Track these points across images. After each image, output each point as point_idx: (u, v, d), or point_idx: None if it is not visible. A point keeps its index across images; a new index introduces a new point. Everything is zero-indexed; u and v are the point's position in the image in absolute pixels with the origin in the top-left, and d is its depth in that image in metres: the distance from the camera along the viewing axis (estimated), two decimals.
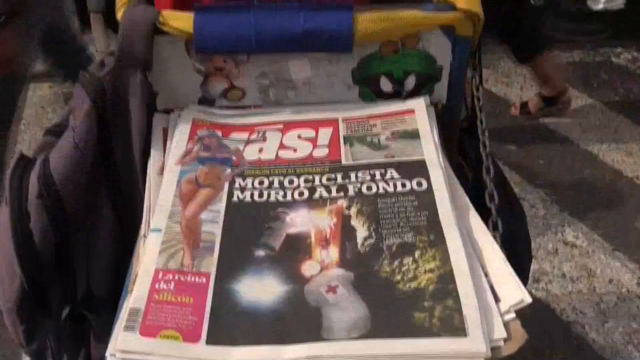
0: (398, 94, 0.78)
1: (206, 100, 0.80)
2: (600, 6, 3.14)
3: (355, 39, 0.72)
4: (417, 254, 0.60)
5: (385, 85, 0.78)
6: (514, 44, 2.55)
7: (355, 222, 0.64)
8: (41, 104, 3.05)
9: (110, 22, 2.98)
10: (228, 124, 0.77)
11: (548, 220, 2.22)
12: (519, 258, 0.95)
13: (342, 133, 0.75)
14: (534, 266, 2.01)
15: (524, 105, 2.68)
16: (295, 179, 0.69)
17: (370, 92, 0.79)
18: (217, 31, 0.72)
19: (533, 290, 1.95)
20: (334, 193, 0.67)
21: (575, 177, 2.40)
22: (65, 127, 0.81)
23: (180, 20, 0.73)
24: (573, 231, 2.17)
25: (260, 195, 0.68)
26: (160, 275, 0.60)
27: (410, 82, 0.78)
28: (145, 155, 0.76)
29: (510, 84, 2.92)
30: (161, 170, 0.72)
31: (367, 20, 0.71)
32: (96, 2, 3.29)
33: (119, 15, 0.74)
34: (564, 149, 2.54)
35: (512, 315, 0.57)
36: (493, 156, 0.86)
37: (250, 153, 0.73)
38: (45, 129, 0.85)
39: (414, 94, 0.78)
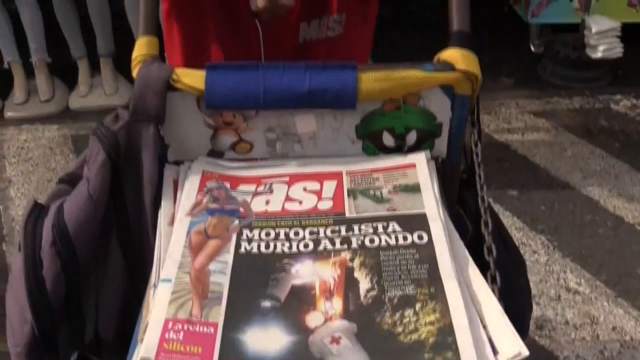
0: (400, 149, 0.82)
1: (215, 153, 0.83)
2: (599, 55, 3.21)
3: (359, 97, 0.75)
4: (417, 306, 0.62)
5: (388, 140, 0.81)
6: None
7: (358, 274, 0.67)
8: (50, 146, 3.10)
9: (119, 66, 3.08)
10: (236, 175, 0.80)
11: (550, 266, 2.23)
12: (519, 308, 0.97)
13: (346, 186, 0.78)
14: (536, 313, 2.02)
15: None
16: (301, 231, 0.72)
17: (373, 146, 0.82)
18: (228, 88, 0.76)
19: (536, 338, 1.95)
20: (337, 245, 0.70)
21: (577, 223, 2.42)
22: (78, 177, 0.84)
23: (193, 78, 0.76)
24: (575, 277, 2.18)
25: (267, 246, 0.70)
26: (170, 324, 0.62)
27: (412, 137, 0.81)
28: (156, 205, 0.79)
29: (512, 130, 2.97)
30: (171, 221, 0.75)
31: (370, 80, 0.75)
32: (105, 46, 3.42)
33: (134, 72, 0.78)
34: (565, 194, 2.57)
35: None
36: (492, 209, 0.89)
37: (257, 205, 0.76)
38: (59, 178, 0.89)
39: (415, 148, 0.82)
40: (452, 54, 0.77)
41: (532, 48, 3.64)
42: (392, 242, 0.69)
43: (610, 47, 3.21)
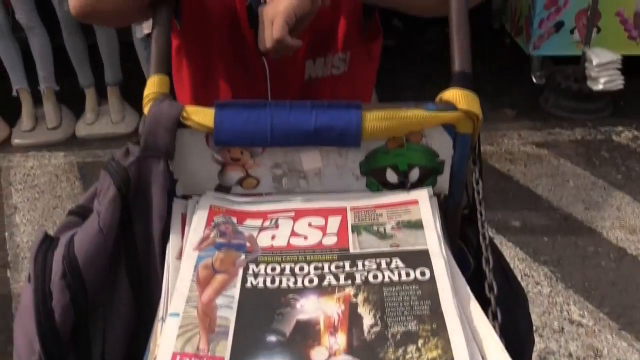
0: (403, 185, 0.83)
1: (223, 188, 0.85)
2: (600, 87, 3.25)
3: (364, 136, 0.77)
4: (420, 342, 0.64)
5: (391, 176, 0.83)
6: None
7: (362, 310, 0.68)
8: (56, 173, 3.13)
9: (126, 95, 3.14)
10: (243, 211, 0.82)
11: (553, 298, 2.23)
12: (521, 343, 0.98)
13: (350, 222, 0.80)
14: (540, 345, 2.02)
15: None
16: (306, 266, 0.74)
17: (377, 182, 0.84)
18: (236, 126, 0.78)
19: None
20: (342, 281, 0.71)
21: (580, 255, 2.43)
22: (88, 209, 0.86)
23: (202, 116, 0.79)
24: (579, 310, 2.18)
25: (273, 281, 0.72)
26: (178, 359, 0.63)
27: (415, 175, 0.83)
28: (165, 239, 0.81)
29: (514, 161, 2.99)
30: (180, 255, 0.77)
31: (374, 119, 0.77)
32: (113, 76, 3.48)
33: (146, 110, 0.81)
34: (567, 226, 2.58)
35: None
36: (493, 245, 0.90)
37: (264, 240, 0.78)
38: (69, 210, 0.91)
39: (418, 185, 0.83)
40: (454, 94, 0.79)
41: (534, 80, 3.69)
42: (396, 278, 0.71)
43: (611, 79, 3.25)
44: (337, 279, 0.72)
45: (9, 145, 3.40)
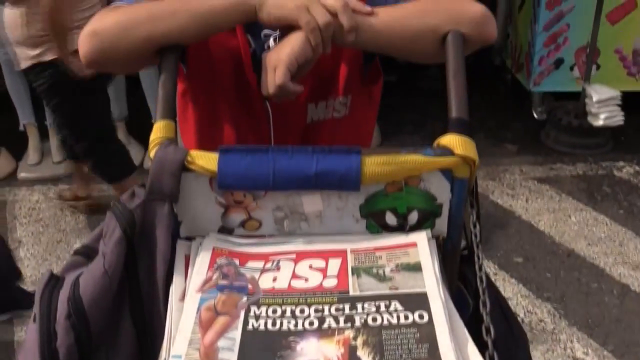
0: (402, 227, 0.85)
1: (225, 229, 0.87)
2: (600, 122, 3.28)
3: (363, 180, 0.80)
4: None
5: (390, 219, 0.85)
6: None
7: (361, 352, 0.69)
8: (61, 207, 3.15)
9: (131, 129, 3.17)
10: (245, 252, 0.84)
11: (557, 334, 2.22)
12: None
13: (350, 264, 0.81)
14: None
15: None
16: (306, 309, 0.75)
17: (377, 224, 0.86)
18: (239, 171, 0.80)
19: None
20: (341, 323, 0.73)
21: (583, 291, 2.43)
22: (93, 249, 0.88)
23: (206, 160, 0.81)
24: (582, 347, 2.17)
25: (274, 324, 0.73)
26: None
27: (413, 217, 0.85)
28: (168, 280, 0.82)
29: (516, 196, 3.00)
30: (182, 297, 0.78)
31: (373, 164, 0.80)
32: (119, 111, 3.51)
33: (152, 154, 0.83)
34: (570, 261, 2.58)
35: None
36: (492, 285, 0.91)
37: (265, 281, 0.79)
38: (75, 249, 0.93)
39: (416, 227, 0.85)
40: (451, 140, 0.81)
41: (535, 115, 3.73)
42: (394, 321, 0.72)
43: (611, 115, 3.29)
44: (337, 321, 0.73)
45: (14, 178, 3.43)
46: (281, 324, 0.73)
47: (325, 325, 0.73)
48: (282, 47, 0.90)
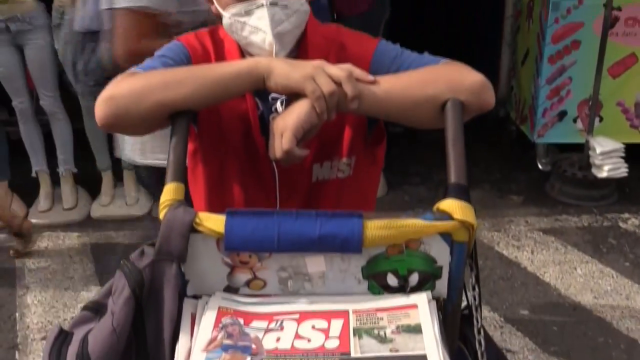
0: (403, 289, 0.87)
1: (231, 289, 0.89)
2: (604, 174, 3.30)
3: (365, 243, 0.82)
4: None
5: (392, 280, 0.87)
6: None
7: None
8: (69, 254, 3.17)
9: (140, 179, 3.17)
10: (250, 312, 0.86)
11: None
12: None
13: (352, 325, 0.83)
14: None
15: None
16: None
17: (378, 286, 0.88)
18: (245, 233, 0.83)
19: None
20: None
21: (590, 345, 2.40)
22: (102, 306, 0.91)
23: (214, 222, 0.84)
24: None
25: None
26: None
27: (414, 279, 0.87)
28: (174, 338, 0.84)
29: (521, 248, 3.01)
30: (188, 356, 0.80)
31: (375, 228, 0.82)
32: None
33: (161, 215, 0.86)
34: (577, 315, 2.56)
35: None
36: (493, 345, 0.93)
37: (269, 341, 0.81)
38: (84, 305, 0.95)
39: (417, 288, 0.87)
40: (450, 205, 0.84)
41: (540, 166, 3.75)
42: None
43: (615, 166, 3.31)
44: None
45: None
46: None
47: None
48: (289, 114, 0.94)
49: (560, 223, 3.23)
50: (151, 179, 2.62)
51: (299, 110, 0.94)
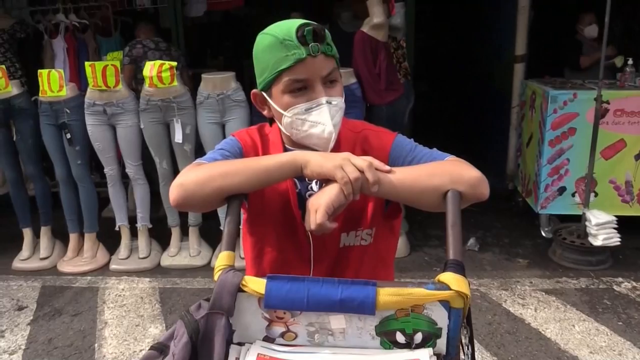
0: (409, 345, 0.90)
1: (268, 339, 0.93)
2: (599, 242, 3.23)
3: (377, 306, 0.86)
4: None
5: (400, 338, 0.90)
6: None
7: None
8: (141, 295, 3.24)
9: (203, 234, 3.28)
10: (282, 358, 0.90)
11: None
12: None
13: None
14: None
15: None
16: None
17: (388, 342, 0.90)
18: (281, 294, 0.88)
19: None
20: None
21: None
22: (166, 347, 0.96)
23: (256, 284, 0.89)
24: None
25: None
26: None
27: (418, 337, 0.89)
28: None
29: (526, 305, 2.94)
30: None
31: (386, 294, 0.86)
32: (194, 218, 3.65)
33: (215, 277, 0.92)
34: None
35: None
36: None
37: None
38: (152, 345, 1.00)
39: (421, 345, 0.89)
40: (448, 278, 0.87)
41: (543, 234, 3.70)
42: None
43: (609, 236, 3.24)
44: None
45: (107, 269, 3.58)
46: None
47: None
48: (322, 195, 1.00)
49: (560, 284, 3.16)
50: None
51: (330, 192, 0.99)
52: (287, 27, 1.05)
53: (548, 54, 4.47)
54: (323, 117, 1.06)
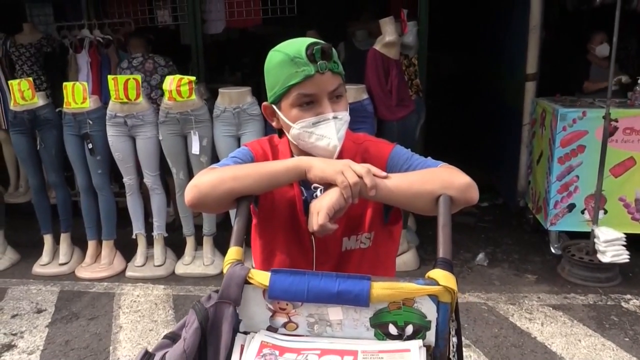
0: (401, 337, 0.97)
1: (272, 328, 1.02)
2: (607, 259, 3.25)
3: (371, 299, 0.94)
4: None
5: (392, 329, 0.97)
6: None
7: None
8: (155, 302, 3.33)
9: (217, 243, 3.38)
10: (284, 346, 0.98)
11: None
12: None
13: None
14: None
15: None
16: None
17: (382, 333, 0.98)
18: (283, 286, 0.96)
19: None
20: None
21: None
22: (177, 335, 1.04)
23: (261, 277, 0.98)
24: None
25: None
26: None
27: (409, 329, 0.97)
28: None
29: (533, 320, 2.97)
30: None
31: (379, 288, 0.94)
32: (209, 228, 3.73)
33: (225, 270, 1.01)
34: None
35: None
36: None
37: None
38: (165, 334, 1.08)
39: (412, 337, 0.97)
40: (437, 274, 0.95)
41: (552, 250, 3.73)
42: None
43: (618, 253, 3.26)
44: None
45: (123, 275, 3.68)
46: None
47: None
48: (323, 198, 1.08)
49: (568, 300, 3.18)
50: None
51: (331, 195, 1.07)
52: (297, 45, 1.15)
53: (560, 73, 4.52)
54: (329, 130, 1.15)
